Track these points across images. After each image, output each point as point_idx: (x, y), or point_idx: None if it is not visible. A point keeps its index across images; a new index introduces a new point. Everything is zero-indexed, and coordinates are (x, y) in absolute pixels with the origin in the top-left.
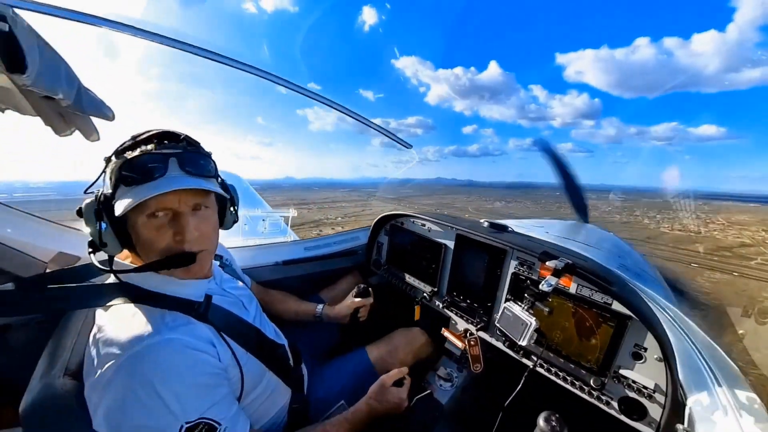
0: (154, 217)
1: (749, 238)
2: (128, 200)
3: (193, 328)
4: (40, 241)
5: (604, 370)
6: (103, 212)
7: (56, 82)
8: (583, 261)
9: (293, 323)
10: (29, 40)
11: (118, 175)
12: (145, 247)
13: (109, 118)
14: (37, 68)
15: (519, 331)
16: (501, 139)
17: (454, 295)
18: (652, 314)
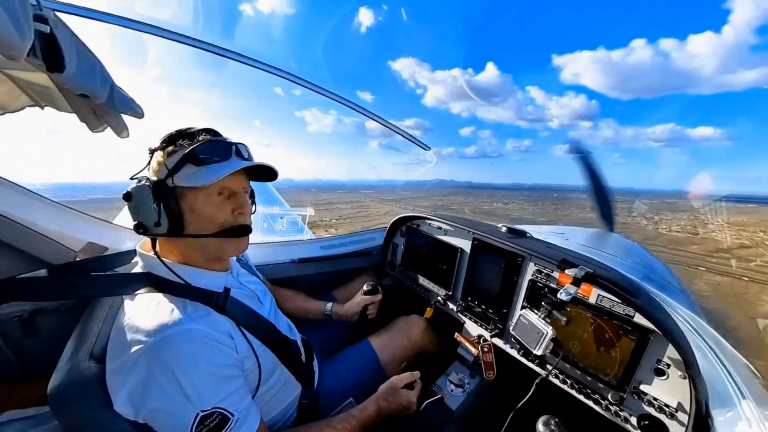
0: (218, 195)
1: (748, 239)
2: (209, 175)
3: (213, 320)
4: (71, 230)
5: (624, 384)
6: (162, 193)
7: (91, 80)
8: (604, 270)
9: (305, 321)
10: (68, 42)
11: (191, 156)
12: (203, 221)
13: (139, 115)
14: (75, 68)
15: (534, 340)
16: (499, 141)
17: (468, 299)
18: (677, 330)
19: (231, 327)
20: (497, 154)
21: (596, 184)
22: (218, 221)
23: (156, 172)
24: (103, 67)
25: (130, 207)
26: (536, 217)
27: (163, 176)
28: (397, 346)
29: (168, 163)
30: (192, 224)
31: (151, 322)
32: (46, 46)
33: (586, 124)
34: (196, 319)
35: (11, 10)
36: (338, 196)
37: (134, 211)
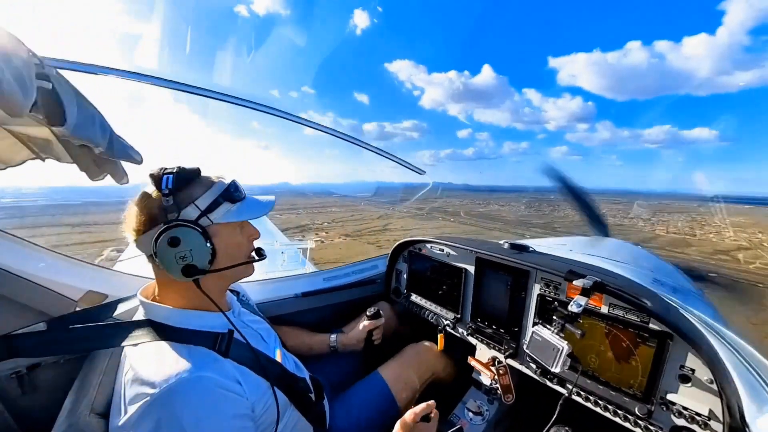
0: (240, 226)
1: (746, 240)
2: (248, 211)
3: (221, 365)
4: (70, 279)
5: (649, 396)
6: (207, 232)
7: (91, 131)
8: (613, 278)
9: (311, 356)
10: (68, 96)
11: (227, 195)
12: (230, 251)
13: (138, 161)
14: (75, 120)
15: (550, 357)
16: (496, 143)
17: (478, 321)
18: (695, 331)
19: (238, 371)
20: (495, 156)
21: (575, 195)
22: (243, 250)
23: (178, 212)
24: (102, 118)
25: (174, 253)
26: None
27: (196, 216)
28: (410, 376)
29: (199, 203)
30: (226, 257)
31: (156, 372)
32: (47, 101)
33: (582, 125)
34: (204, 366)
35: (16, 70)
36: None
37: (182, 256)
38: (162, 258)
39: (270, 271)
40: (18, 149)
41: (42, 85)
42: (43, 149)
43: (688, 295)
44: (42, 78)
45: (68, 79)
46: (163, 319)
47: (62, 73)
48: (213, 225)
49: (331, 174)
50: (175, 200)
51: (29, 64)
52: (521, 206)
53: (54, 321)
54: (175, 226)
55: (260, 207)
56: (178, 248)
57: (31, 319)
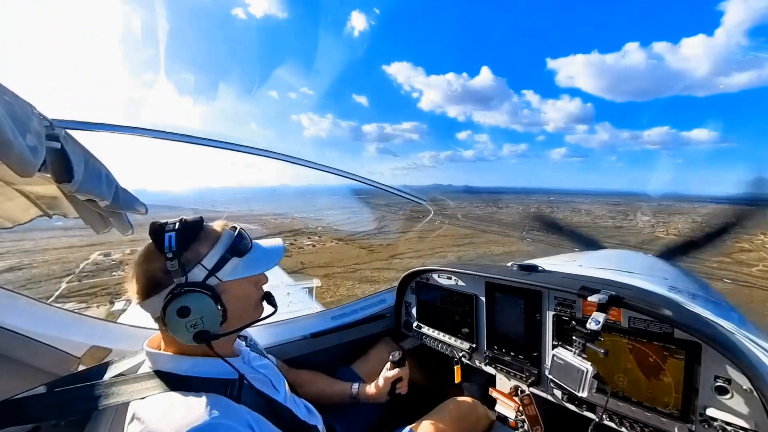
0: (251, 276)
1: (748, 242)
2: (257, 264)
3: (234, 412)
4: (72, 335)
5: (688, 413)
6: (216, 294)
7: (97, 185)
8: (628, 290)
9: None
10: (76, 154)
11: (234, 249)
12: (240, 305)
13: (143, 213)
14: (82, 176)
15: (575, 381)
16: (496, 145)
17: (495, 349)
18: (724, 337)
19: (251, 417)
20: (495, 158)
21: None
22: (254, 299)
23: (184, 275)
24: (108, 172)
25: (185, 322)
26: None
27: (203, 277)
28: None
29: (206, 262)
30: (236, 311)
31: (170, 422)
32: (56, 160)
33: (581, 127)
34: (218, 414)
35: (26, 133)
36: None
37: (193, 324)
38: (171, 327)
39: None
40: (26, 207)
41: (51, 145)
42: (51, 206)
43: (709, 300)
44: (51, 139)
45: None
46: (172, 368)
47: (70, 133)
48: (222, 283)
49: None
50: (180, 262)
51: (39, 127)
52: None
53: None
54: (184, 293)
55: (269, 257)
56: (188, 318)
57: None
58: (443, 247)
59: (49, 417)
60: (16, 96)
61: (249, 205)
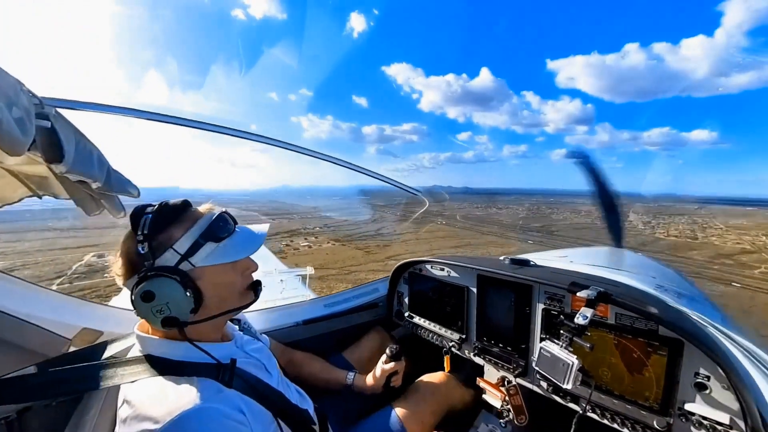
0: (236, 263)
1: (749, 243)
2: (235, 250)
3: (225, 396)
4: (63, 317)
5: (667, 407)
6: (187, 279)
7: (89, 167)
8: (616, 287)
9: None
10: (67, 133)
11: (209, 234)
12: (220, 292)
13: (135, 195)
14: (73, 157)
15: (561, 373)
16: (496, 146)
17: (484, 340)
18: (706, 336)
19: (243, 402)
20: (495, 159)
21: (605, 196)
22: (237, 287)
23: (154, 258)
24: (100, 153)
25: (150, 307)
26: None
27: (175, 261)
28: (425, 412)
29: (178, 246)
30: (215, 298)
31: (160, 406)
32: (46, 139)
33: (582, 128)
34: (209, 398)
35: (16, 110)
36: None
37: (159, 310)
38: (139, 311)
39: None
40: (15, 187)
41: (41, 124)
42: (41, 186)
43: (694, 300)
44: (41, 117)
45: (67, 117)
46: (162, 353)
47: (61, 112)
48: (196, 269)
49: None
50: (150, 246)
51: (29, 105)
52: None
53: (45, 363)
54: (150, 277)
55: (250, 243)
56: (153, 303)
57: (23, 359)
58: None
59: (40, 397)
60: (4, 72)
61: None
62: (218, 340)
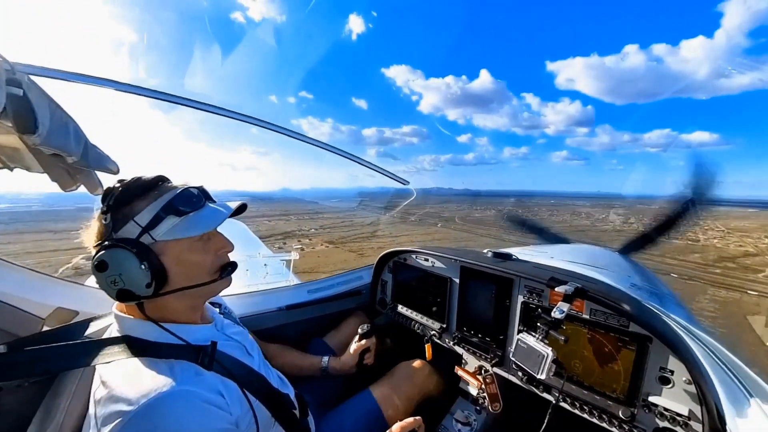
0: (201, 240)
1: (752, 246)
2: (199, 224)
3: (204, 379)
4: (37, 296)
5: (632, 399)
6: (144, 252)
7: (65, 140)
8: (593, 284)
9: None
10: (41, 103)
11: (170, 207)
12: (193, 270)
13: (114, 171)
14: (47, 128)
15: (536, 364)
16: (496, 148)
17: (464, 330)
18: (672, 333)
19: (222, 385)
20: (495, 161)
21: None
22: (207, 266)
23: (115, 230)
24: (77, 126)
25: (105, 277)
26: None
27: (136, 234)
28: (402, 396)
29: (139, 219)
30: (181, 276)
31: (134, 388)
32: (18, 108)
33: (582, 130)
34: (187, 380)
35: None
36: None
37: (113, 281)
38: (98, 283)
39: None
40: None
41: (12, 91)
42: (12, 159)
43: (664, 298)
44: (12, 84)
45: (42, 86)
46: (141, 334)
47: (36, 80)
48: (158, 243)
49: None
50: (113, 218)
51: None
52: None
53: (16, 342)
54: (104, 248)
55: (212, 219)
56: (106, 272)
57: None
58: None
59: (11, 377)
60: None
61: None
62: (197, 322)
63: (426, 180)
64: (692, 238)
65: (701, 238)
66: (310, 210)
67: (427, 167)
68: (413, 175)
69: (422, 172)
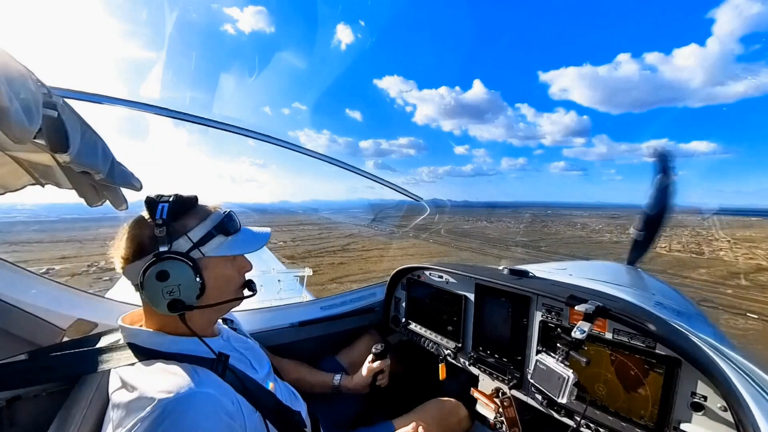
0: (234, 259)
1: (764, 258)
2: (242, 245)
3: (224, 387)
4: (59, 306)
5: (662, 426)
6: (197, 266)
7: (93, 158)
8: (615, 302)
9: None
10: (73, 124)
11: (222, 227)
12: (220, 285)
13: (137, 188)
14: (78, 147)
15: (556, 387)
16: (494, 160)
17: (480, 350)
18: (704, 355)
19: (235, 396)
20: (494, 172)
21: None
22: (234, 284)
23: (167, 243)
24: (105, 145)
25: (162, 287)
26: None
27: (187, 248)
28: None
29: (192, 234)
30: (215, 290)
31: (158, 386)
32: (52, 128)
33: (579, 140)
34: (209, 384)
35: (23, 98)
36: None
37: (170, 291)
38: (148, 291)
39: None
40: (19, 175)
41: (48, 113)
42: (44, 175)
43: (693, 318)
44: (48, 107)
45: (74, 107)
46: (154, 345)
47: (69, 102)
48: (204, 258)
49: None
50: (168, 231)
51: (37, 93)
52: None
53: (36, 351)
54: (165, 259)
55: (254, 241)
56: (166, 282)
57: (16, 347)
58: None
59: (30, 383)
60: (13, 60)
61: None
62: (210, 335)
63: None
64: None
65: (706, 251)
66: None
67: (425, 179)
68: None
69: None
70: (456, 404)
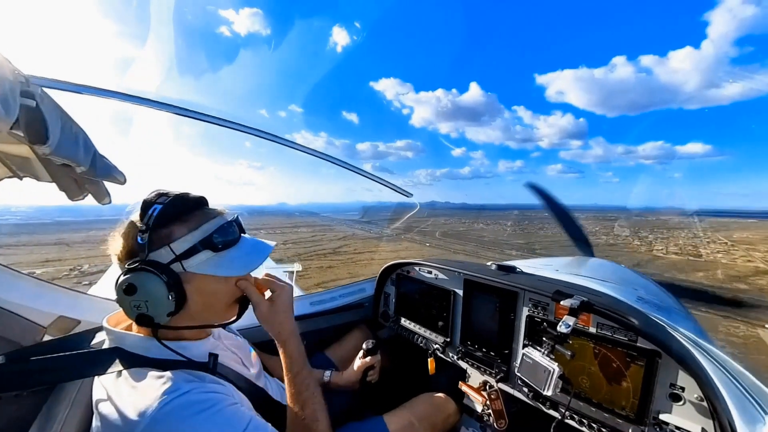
0: None
1: (762, 261)
2: (235, 264)
3: (201, 377)
4: (40, 304)
5: (642, 417)
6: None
7: (74, 150)
8: (599, 297)
9: None
10: (53, 114)
11: (209, 242)
12: (206, 299)
13: (121, 182)
14: (58, 139)
15: (542, 380)
16: (491, 162)
17: (468, 344)
18: (682, 348)
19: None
20: (491, 175)
21: (560, 215)
22: (227, 299)
23: (149, 252)
24: (87, 137)
25: (129, 301)
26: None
27: (168, 260)
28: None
29: (175, 246)
30: (198, 305)
31: (140, 401)
32: (30, 119)
33: (576, 143)
34: (187, 382)
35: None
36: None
37: (137, 305)
38: (119, 300)
39: None
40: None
41: (26, 102)
42: (21, 168)
43: (673, 312)
44: (26, 96)
45: (54, 98)
46: (141, 350)
47: (48, 92)
48: (187, 273)
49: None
50: (150, 238)
51: (14, 82)
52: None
53: (15, 353)
54: (135, 270)
55: (248, 260)
56: (133, 296)
57: None
58: None
59: (9, 388)
60: None
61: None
62: (204, 336)
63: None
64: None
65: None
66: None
67: (423, 181)
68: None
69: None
70: (445, 399)
